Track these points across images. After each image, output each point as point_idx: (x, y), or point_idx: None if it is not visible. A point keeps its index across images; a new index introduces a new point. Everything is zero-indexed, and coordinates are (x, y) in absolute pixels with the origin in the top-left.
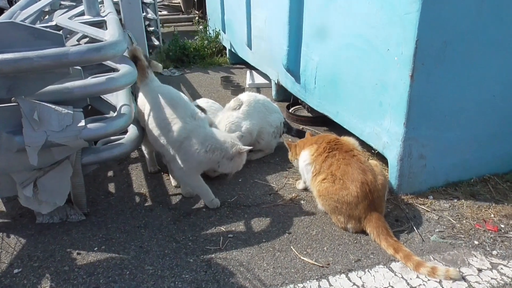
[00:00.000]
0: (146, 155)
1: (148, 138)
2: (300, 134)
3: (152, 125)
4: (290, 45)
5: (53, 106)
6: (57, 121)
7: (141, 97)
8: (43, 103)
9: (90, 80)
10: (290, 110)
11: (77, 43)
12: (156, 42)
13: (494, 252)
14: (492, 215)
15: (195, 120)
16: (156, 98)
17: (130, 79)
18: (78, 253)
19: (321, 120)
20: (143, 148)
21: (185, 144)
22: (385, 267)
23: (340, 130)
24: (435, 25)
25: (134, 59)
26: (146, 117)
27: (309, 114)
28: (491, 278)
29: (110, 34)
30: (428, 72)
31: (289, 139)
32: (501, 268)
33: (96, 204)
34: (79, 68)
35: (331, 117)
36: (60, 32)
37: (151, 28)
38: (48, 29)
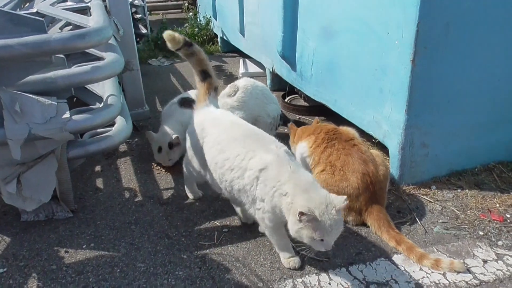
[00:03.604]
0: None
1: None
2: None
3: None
4: (285, 30)
5: (36, 97)
6: (40, 113)
7: (196, 126)
8: (25, 94)
9: (75, 69)
10: (286, 100)
11: (60, 31)
12: (144, 30)
13: (500, 243)
14: (498, 205)
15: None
16: (228, 129)
17: (116, 68)
18: (66, 251)
19: (319, 109)
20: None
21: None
22: (387, 260)
23: (339, 120)
24: (437, 6)
25: (204, 75)
26: (207, 153)
27: (306, 103)
28: (497, 269)
29: (95, 20)
30: (430, 56)
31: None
32: (507, 259)
33: (84, 201)
34: (63, 56)
35: (329, 106)
36: (41, 18)
37: (138, 16)
38: (28, 15)
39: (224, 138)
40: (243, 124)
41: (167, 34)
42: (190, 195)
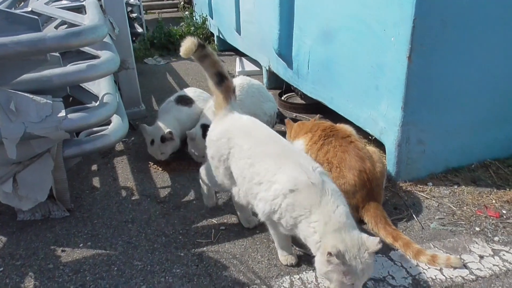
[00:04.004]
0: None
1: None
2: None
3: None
4: (282, 28)
5: (31, 96)
6: (35, 112)
7: (221, 134)
8: (20, 92)
9: (70, 67)
10: (282, 98)
11: (55, 30)
12: (140, 29)
13: (496, 239)
14: (494, 201)
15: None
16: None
17: (112, 66)
18: (62, 250)
19: (315, 107)
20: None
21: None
22: (384, 256)
23: (335, 117)
24: (434, 3)
25: (220, 77)
26: (237, 162)
27: (303, 101)
28: (493, 265)
29: (90, 18)
30: (426, 53)
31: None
32: (503, 255)
33: (81, 200)
34: (58, 55)
35: (325, 104)
36: (36, 17)
37: (134, 15)
38: (23, 13)
39: (256, 151)
40: (278, 139)
41: (186, 50)
42: (206, 202)
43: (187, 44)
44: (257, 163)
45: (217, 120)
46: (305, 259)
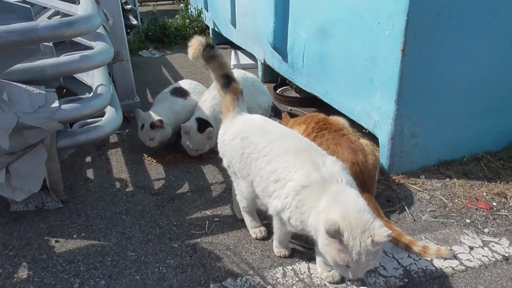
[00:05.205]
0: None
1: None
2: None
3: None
4: (277, 21)
5: (24, 86)
6: (28, 102)
7: (234, 135)
8: (13, 82)
9: (63, 58)
10: (277, 91)
11: (48, 20)
12: (134, 22)
13: (486, 230)
14: (485, 194)
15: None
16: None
17: (106, 57)
18: (56, 241)
19: (310, 101)
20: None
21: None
22: None
23: (330, 111)
24: None
25: (227, 79)
26: (251, 164)
27: (298, 95)
28: (482, 256)
29: (83, 8)
30: (420, 46)
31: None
32: (493, 246)
33: (74, 191)
34: (51, 45)
35: (320, 97)
36: (28, 6)
37: (129, 6)
38: (15, 2)
39: (273, 149)
40: (294, 135)
41: (195, 52)
42: (253, 233)
43: (195, 45)
44: (276, 161)
45: (226, 123)
46: (298, 250)
